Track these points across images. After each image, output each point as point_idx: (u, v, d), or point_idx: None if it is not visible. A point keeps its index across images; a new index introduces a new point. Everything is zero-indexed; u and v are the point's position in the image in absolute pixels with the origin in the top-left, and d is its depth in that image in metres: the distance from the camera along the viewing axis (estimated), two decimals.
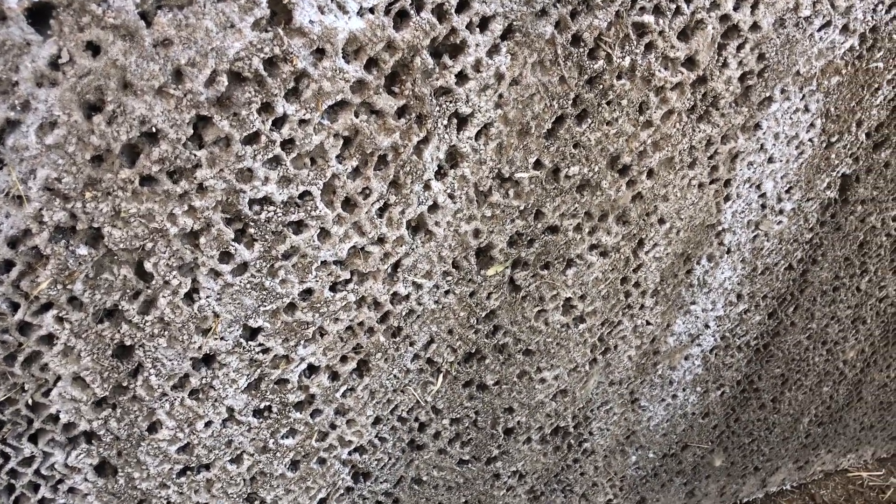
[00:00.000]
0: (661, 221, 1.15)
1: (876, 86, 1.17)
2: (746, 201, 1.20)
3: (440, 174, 0.94)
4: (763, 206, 1.22)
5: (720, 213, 1.19)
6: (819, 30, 1.06)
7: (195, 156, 0.79)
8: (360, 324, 1.01)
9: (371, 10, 0.79)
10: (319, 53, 0.79)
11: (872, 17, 1.08)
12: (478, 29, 0.85)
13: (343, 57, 0.80)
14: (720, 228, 1.21)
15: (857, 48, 1.11)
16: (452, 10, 0.83)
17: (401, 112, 0.87)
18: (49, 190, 0.74)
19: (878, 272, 1.47)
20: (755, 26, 1.01)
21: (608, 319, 1.22)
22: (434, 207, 0.96)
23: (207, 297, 0.88)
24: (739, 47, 1.02)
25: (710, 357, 1.40)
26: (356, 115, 0.85)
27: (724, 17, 0.98)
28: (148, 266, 0.83)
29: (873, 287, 1.50)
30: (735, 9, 0.98)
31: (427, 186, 0.94)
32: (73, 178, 0.75)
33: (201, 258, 0.85)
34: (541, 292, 1.12)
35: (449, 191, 0.96)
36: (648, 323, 1.27)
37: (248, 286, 0.90)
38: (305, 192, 0.87)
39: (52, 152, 0.72)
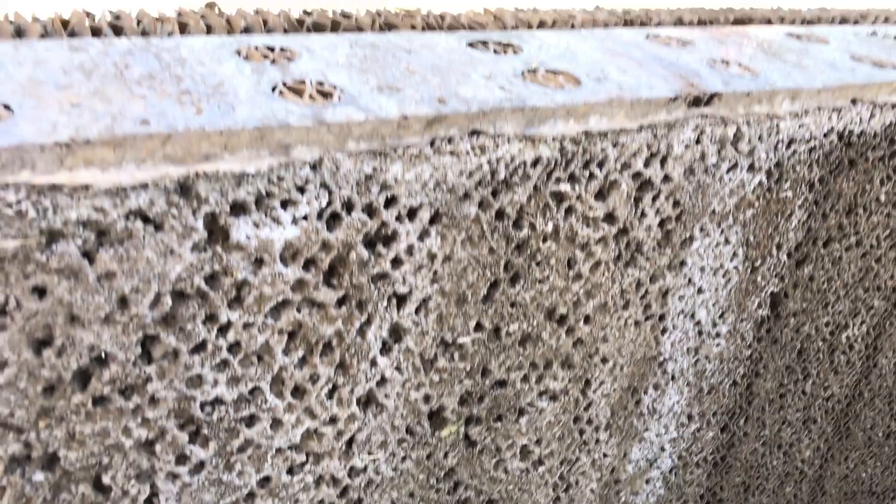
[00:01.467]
0: (604, 361, 1.20)
1: (789, 212, 1.25)
2: (683, 331, 1.26)
3: (385, 350, 0.98)
4: (700, 333, 1.28)
5: (659, 345, 1.24)
6: (727, 172, 1.14)
7: (145, 372, 0.82)
8: (321, 501, 1.02)
9: (304, 218, 0.84)
10: (258, 263, 0.83)
11: (774, 154, 1.17)
12: (407, 218, 0.91)
13: (281, 261, 0.85)
14: (662, 359, 1.26)
15: (766, 182, 1.19)
16: (381, 207, 0.88)
17: (341, 301, 0.91)
18: (2, 426, 0.76)
19: (821, 374, 1.53)
20: (667, 178, 1.08)
21: (566, 458, 1.25)
22: (382, 381, 1.00)
23: (167, 499, 0.90)
24: (654, 198, 1.09)
25: (670, 477, 1.43)
26: (298, 311, 0.89)
27: (637, 175, 1.06)
28: (106, 479, 0.85)
29: (818, 388, 1.55)
30: (646, 166, 1.06)
31: (373, 363, 0.98)
32: (26, 412, 0.77)
33: (158, 464, 0.87)
34: (497, 443, 1.15)
35: (395, 364, 0.99)
36: (605, 455, 1.30)
37: (207, 483, 0.92)
38: (255, 388, 0.90)
39: (3, 391, 0.75)
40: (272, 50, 0.95)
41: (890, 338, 1.61)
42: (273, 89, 0.85)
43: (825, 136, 1.20)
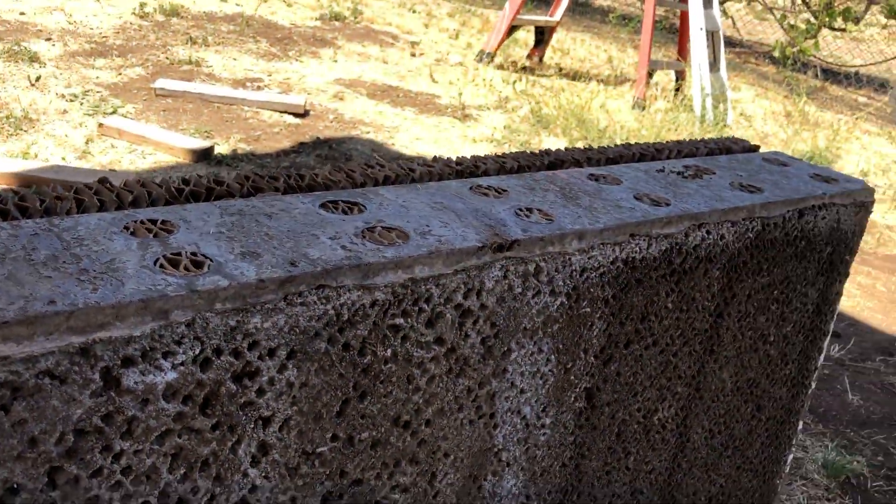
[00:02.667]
0: (446, 455, 1.44)
1: (590, 323, 1.54)
2: (512, 425, 1.52)
3: (255, 462, 1.20)
4: (527, 426, 1.55)
5: (493, 439, 1.50)
6: (532, 298, 1.42)
7: (51, 496, 1.01)
8: None
9: (182, 364, 1.06)
10: (144, 402, 1.05)
11: (571, 280, 1.46)
12: (267, 357, 1.14)
13: (164, 399, 1.06)
14: (496, 449, 1.52)
15: (566, 303, 1.48)
16: (245, 350, 1.11)
17: (215, 426, 1.13)
18: None
19: (640, 452, 1.82)
20: (483, 306, 1.36)
21: None
22: (253, 489, 1.21)
23: None
24: (475, 322, 1.36)
25: None
26: (179, 437, 1.10)
27: (458, 306, 1.33)
28: None
29: (640, 464, 1.84)
30: (464, 298, 1.33)
31: (245, 474, 1.19)
32: None
33: None
34: None
35: (264, 474, 1.21)
36: None
37: None
38: (145, 502, 1.10)
39: None
40: (155, 223, 1.18)
41: (697, 416, 1.93)
42: (155, 262, 1.08)
43: (612, 263, 1.51)
